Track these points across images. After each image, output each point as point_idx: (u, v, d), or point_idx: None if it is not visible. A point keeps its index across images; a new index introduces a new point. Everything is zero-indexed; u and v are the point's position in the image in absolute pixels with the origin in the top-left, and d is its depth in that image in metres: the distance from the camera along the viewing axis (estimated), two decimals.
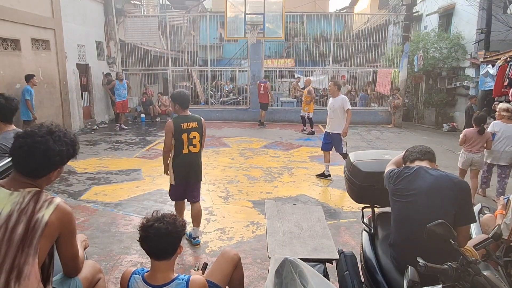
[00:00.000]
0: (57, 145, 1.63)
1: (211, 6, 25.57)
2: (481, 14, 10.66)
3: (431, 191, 2.05)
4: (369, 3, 22.07)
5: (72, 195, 5.38)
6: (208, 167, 7.00)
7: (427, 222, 1.70)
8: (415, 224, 2.03)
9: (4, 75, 7.58)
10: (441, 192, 2.03)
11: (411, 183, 2.13)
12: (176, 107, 3.88)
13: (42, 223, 1.54)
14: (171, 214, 1.92)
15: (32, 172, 1.62)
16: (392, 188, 2.23)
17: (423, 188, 2.07)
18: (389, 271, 2.17)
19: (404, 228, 2.13)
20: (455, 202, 2.00)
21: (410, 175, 2.16)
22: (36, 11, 8.52)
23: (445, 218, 1.91)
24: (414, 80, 13.74)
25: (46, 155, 1.60)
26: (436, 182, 2.06)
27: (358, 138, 10.35)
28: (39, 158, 1.59)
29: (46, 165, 1.63)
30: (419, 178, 2.12)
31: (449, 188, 2.03)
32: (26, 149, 1.58)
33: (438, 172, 2.14)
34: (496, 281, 1.49)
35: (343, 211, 4.96)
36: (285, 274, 1.72)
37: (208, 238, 4.08)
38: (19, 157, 1.60)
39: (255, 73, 12.81)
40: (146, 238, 1.83)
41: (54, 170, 1.68)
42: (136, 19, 14.47)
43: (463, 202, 2.02)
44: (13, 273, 1.49)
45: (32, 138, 1.60)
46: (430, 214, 1.98)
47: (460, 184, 2.05)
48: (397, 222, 2.20)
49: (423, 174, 2.13)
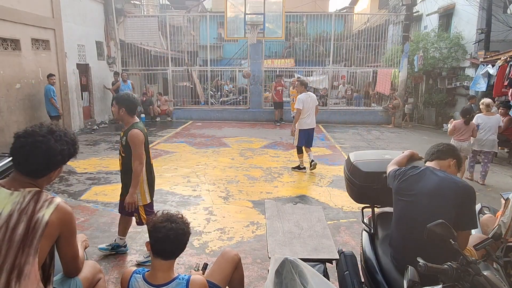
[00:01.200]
0: (58, 144, 1.63)
1: (211, 6, 25.56)
2: (481, 14, 10.66)
3: (434, 193, 2.04)
4: (369, 3, 22.07)
5: (72, 195, 5.38)
6: (208, 167, 7.00)
7: (427, 223, 1.70)
8: (416, 224, 2.03)
9: (4, 75, 7.58)
10: (444, 194, 2.01)
11: (415, 182, 2.13)
12: (122, 111, 3.19)
13: (42, 223, 1.54)
14: (178, 214, 1.92)
15: (33, 172, 1.62)
16: (396, 187, 2.23)
17: (427, 189, 2.07)
18: (389, 271, 2.17)
19: (405, 228, 2.13)
20: (456, 205, 1.98)
21: (416, 175, 2.16)
22: (36, 11, 8.52)
23: (446, 220, 1.91)
24: (414, 80, 13.74)
25: (48, 154, 1.60)
26: (441, 184, 2.05)
27: (358, 138, 10.35)
28: (41, 157, 1.59)
29: (47, 165, 1.63)
30: (424, 178, 2.11)
31: (453, 190, 2.01)
32: (28, 148, 1.58)
33: (445, 174, 2.13)
34: (496, 281, 1.49)
35: (343, 211, 4.96)
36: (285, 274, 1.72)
37: (208, 238, 4.08)
38: (21, 157, 1.60)
39: (255, 73, 12.82)
40: (162, 239, 1.80)
41: (55, 169, 1.68)
42: (136, 19, 14.48)
43: (466, 206, 2.00)
44: (13, 273, 1.49)
45: (34, 138, 1.59)
46: (431, 215, 1.97)
47: (464, 188, 2.02)
48: (398, 221, 2.20)
49: (428, 175, 2.12)
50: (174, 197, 5.35)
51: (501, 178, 6.80)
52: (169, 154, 7.96)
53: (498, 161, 8.02)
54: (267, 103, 13.71)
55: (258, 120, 13.01)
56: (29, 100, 8.38)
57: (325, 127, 12.15)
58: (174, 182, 6.04)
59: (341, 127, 12.18)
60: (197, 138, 9.85)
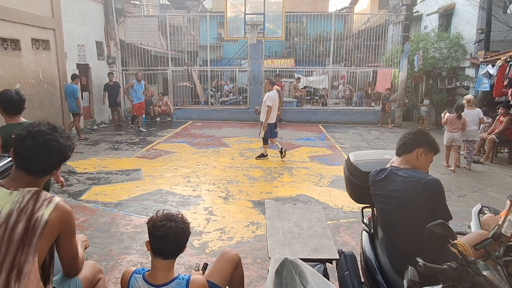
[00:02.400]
0: (65, 140, 1.69)
1: (211, 6, 25.56)
2: (481, 14, 10.65)
3: (401, 195, 2.04)
4: (369, 3, 22.07)
5: (72, 195, 5.38)
6: (208, 167, 7.00)
7: (403, 225, 1.70)
8: (395, 228, 2.05)
9: (4, 75, 7.57)
10: (410, 195, 2.00)
11: (383, 188, 2.14)
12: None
13: (41, 222, 1.55)
14: (178, 214, 1.92)
15: (39, 170, 1.65)
16: (372, 193, 2.26)
17: (394, 192, 2.07)
18: (389, 271, 2.17)
19: (389, 232, 2.17)
20: (425, 204, 1.97)
21: (382, 179, 2.17)
22: (36, 11, 8.52)
23: (419, 220, 1.90)
24: (414, 80, 13.72)
25: (61, 151, 1.65)
26: (404, 185, 2.04)
27: (358, 138, 10.35)
28: (55, 154, 1.64)
29: (58, 161, 1.68)
30: (389, 181, 2.11)
31: (417, 189, 1.99)
32: (40, 148, 1.61)
33: (407, 172, 2.10)
34: (495, 281, 1.49)
35: (343, 211, 4.96)
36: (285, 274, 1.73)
37: (208, 238, 4.08)
38: (33, 156, 1.61)
39: (255, 73, 12.82)
40: (161, 238, 1.80)
41: (59, 167, 1.73)
42: (136, 19, 14.46)
43: (435, 201, 1.98)
44: (13, 272, 1.50)
45: (44, 137, 1.63)
46: (404, 217, 1.98)
47: (428, 183, 1.99)
48: (383, 225, 2.25)
49: (393, 177, 2.11)
50: (174, 197, 5.36)
51: (501, 178, 6.80)
52: (169, 154, 7.96)
53: (498, 161, 8.03)
54: None
55: (258, 120, 12.96)
56: (29, 100, 8.23)
57: (325, 127, 12.15)
58: (174, 182, 6.04)
59: (341, 127, 12.19)
60: (197, 138, 9.85)
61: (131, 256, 3.64)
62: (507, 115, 7.83)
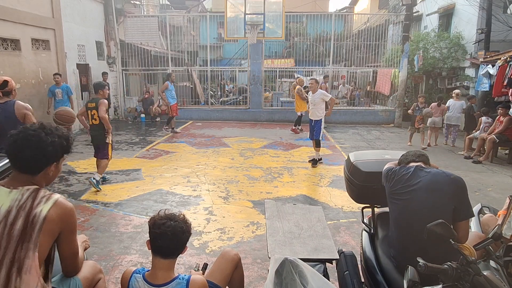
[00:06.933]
0: (49, 136, 1.68)
1: (211, 6, 25.56)
2: (481, 14, 10.65)
3: (430, 188, 2.07)
4: (369, 3, 22.06)
5: (72, 195, 5.38)
6: (208, 167, 7.00)
7: (427, 218, 1.69)
8: (415, 222, 2.04)
9: (4, 75, 7.56)
10: (439, 188, 2.06)
11: (409, 181, 2.16)
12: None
13: (40, 218, 1.57)
14: (180, 214, 1.93)
15: (27, 166, 1.65)
16: (390, 189, 2.24)
17: (421, 185, 2.10)
18: (389, 271, 2.17)
19: (404, 227, 2.14)
20: (454, 198, 2.03)
21: (408, 174, 2.19)
22: (36, 11, 8.52)
23: (445, 214, 1.94)
24: (414, 80, 13.73)
25: (40, 146, 1.65)
26: (434, 179, 2.10)
27: (358, 138, 10.35)
28: (33, 149, 1.64)
29: (40, 157, 1.66)
30: (417, 176, 2.16)
31: (447, 184, 2.06)
32: (20, 142, 1.63)
33: (434, 169, 2.19)
34: (496, 281, 1.49)
35: (343, 211, 4.96)
36: (285, 274, 1.73)
37: (208, 238, 4.08)
38: (14, 151, 1.64)
39: (255, 73, 12.82)
40: (160, 236, 1.81)
41: (50, 163, 1.70)
42: (136, 19, 14.46)
43: (461, 197, 2.06)
44: (14, 267, 1.53)
45: (25, 133, 1.65)
46: (430, 210, 2.00)
47: (456, 180, 2.08)
48: (397, 221, 2.21)
49: (419, 172, 2.17)
50: (174, 197, 5.35)
51: (501, 178, 6.80)
52: (169, 154, 7.96)
53: (498, 161, 8.03)
54: (267, 103, 13.69)
55: (258, 120, 13.01)
56: (29, 100, 8.33)
57: (325, 127, 12.12)
58: (174, 182, 6.04)
59: (341, 127, 12.18)
60: (197, 138, 9.85)
61: (131, 256, 3.64)
62: (507, 115, 7.82)
